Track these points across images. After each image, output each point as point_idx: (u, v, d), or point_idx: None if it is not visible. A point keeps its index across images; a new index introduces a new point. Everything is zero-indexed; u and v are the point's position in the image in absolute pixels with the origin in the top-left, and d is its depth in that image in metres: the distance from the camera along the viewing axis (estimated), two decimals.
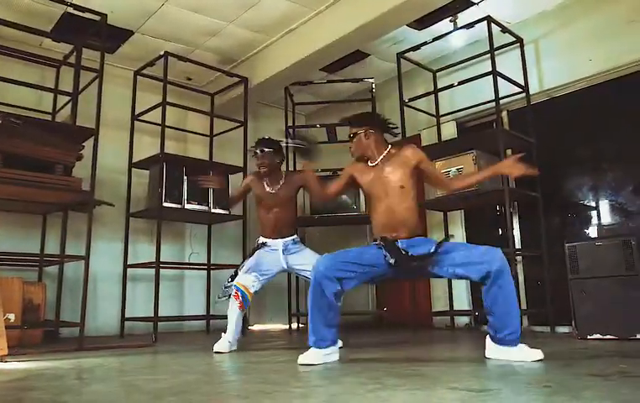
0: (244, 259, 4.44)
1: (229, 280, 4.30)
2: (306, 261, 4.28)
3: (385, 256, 3.28)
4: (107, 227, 6.20)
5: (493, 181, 5.32)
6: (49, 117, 5.71)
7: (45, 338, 5.15)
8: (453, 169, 5.43)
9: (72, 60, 5.46)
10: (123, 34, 6.03)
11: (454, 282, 6.07)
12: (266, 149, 4.39)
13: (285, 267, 4.41)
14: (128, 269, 6.06)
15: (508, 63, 5.70)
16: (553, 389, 2.24)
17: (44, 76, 5.92)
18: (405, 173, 3.45)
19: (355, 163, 3.62)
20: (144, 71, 6.18)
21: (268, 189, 4.44)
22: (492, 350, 3.27)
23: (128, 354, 4.11)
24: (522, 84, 5.64)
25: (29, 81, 5.31)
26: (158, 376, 2.95)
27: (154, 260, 5.49)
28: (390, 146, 3.57)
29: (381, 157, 3.50)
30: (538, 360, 3.04)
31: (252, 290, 4.21)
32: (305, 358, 3.18)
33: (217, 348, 4.12)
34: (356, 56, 6.55)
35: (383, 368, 2.89)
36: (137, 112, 6.21)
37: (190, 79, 7.06)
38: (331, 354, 3.27)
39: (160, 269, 5.98)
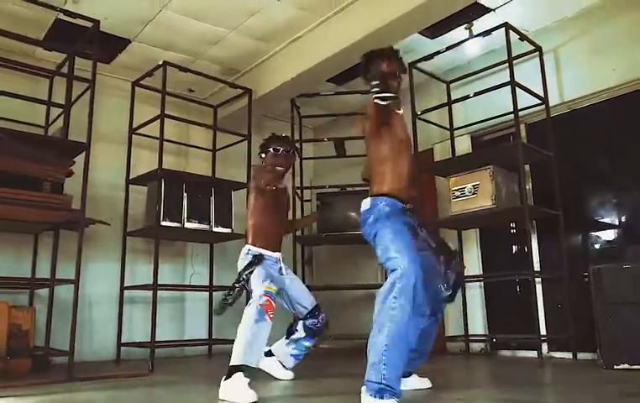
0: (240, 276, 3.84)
1: (230, 292, 3.75)
2: (301, 294, 3.98)
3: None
4: (103, 246, 5.91)
5: (511, 198, 5.01)
6: (41, 131, 5.42)
7: (35, 366, 4.82)
8: (469, 185, 5.11)
9: (66, 69, 5.18)
10: (120, 43, 5.74)
11: (469, 305, 5.72)
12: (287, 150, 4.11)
13: (284, 287, 4.02)
14: (126, 292, 5.74)
15: (526, 73, 5.37)
16: None
17: (36, 88, 5.61)
18: None
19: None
20: (143, 82, 5.90)
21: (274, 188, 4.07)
22: None
23: (119, 387, 3.83)
24: (541, 95, 5.30)
25: (21, 92, 5.03)
26: None
27: (152, 282, 5.17)
28: None
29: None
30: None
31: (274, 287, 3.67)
32: None
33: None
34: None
35: None
36: (135, 125, 5.90)
37: (192, 91, 6.76)
38: None
39: (160, 291, 5.73)
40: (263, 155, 4.16)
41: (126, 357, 5.61)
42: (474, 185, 5.07)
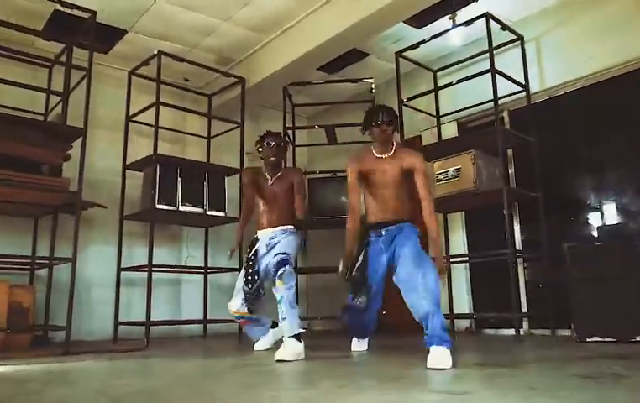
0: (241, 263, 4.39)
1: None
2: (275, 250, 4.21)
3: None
4: (101, 229, 6.11)
5: (491, 180, 5.19)
6: (41, 118, 5.62)
7: (34, 343, 5.04)
8: (452, 169, 5.29)
9: (64, 59, 5.37)
10: (116, 33, 5.93)
11: (454, 283, 5.92)
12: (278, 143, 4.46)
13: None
14: (125, 273, 5.94)
15: (509, 62, 5.57)
16: (537, 392, 2.10)
17: (36, 77, 5.82)
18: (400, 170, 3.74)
19: (354, 158, 3.85)
20: (139, 71, 6.08)
21: (269, 181, 4.45)
22: None
23: (113, 359, 4.02)
24: (523, 83, 5.49)
25: (22, 81, 5.22)
26: (131, 380, 2.83)
27: (148, 263, 5.39)
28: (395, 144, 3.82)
29: (391, 152, 3.77)
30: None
31: (244, 310, 4.28)
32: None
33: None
34: (355, 56, 6.43)
35: (365, 371, 2.76)
36: (132, 113, 6.11)
37: (187, 80, 6.97)
38: None
39: (157, 273, 5.95)
40: (260, 149, 4.51)
41: (125, 336, 5.80)
42: (456, 169, 5.26)
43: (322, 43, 5.54)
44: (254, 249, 4.34)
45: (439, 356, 2.97)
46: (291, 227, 4.34)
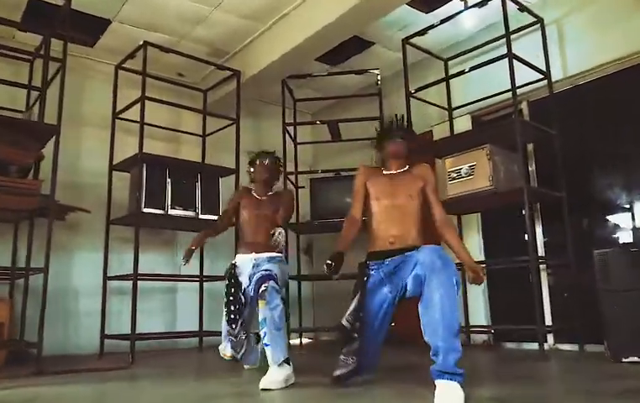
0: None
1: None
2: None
3: None
4: (88, 235, 5.72)
5: (510, 178, 4.68)
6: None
7: (11, 360, 4.62)
8: (465, 166, 4.79)
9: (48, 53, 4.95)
10: (100, 24, 5.51)
11: (469, 294, 5.40)
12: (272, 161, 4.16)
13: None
14: (116, 282, 5.55)
15: (528, 48, 5.04)
16: None
17: (20, 72, 5.40)
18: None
19: (365, 169, 3.47)
20: (127, 65, 5.65)
21: (256, 197, 4.09)
22: None
23: (88, 381, 3.67)
24: (544, 70, 4.96)
25: (3, 77, 4.81)
26: None
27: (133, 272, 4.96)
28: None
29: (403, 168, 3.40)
30: None
31: (229, 353, 3.79)
32: None
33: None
34: (359, 45, 5.96)
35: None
36: (118, 109, 5.67)
37: (182, 75, 6.52)
38: None
39: (151, 282, 5.53)
40: (252, 170, 4.17)
41: (114, 349, 5.36)
42: (470, 166, 4.75)
43: (320, 29, 5.08)
44: (233, 279, 3.78)
45: (449, 393, 2.50)
46: (280, 255, 3.86)
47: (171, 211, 5.29)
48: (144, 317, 5.66)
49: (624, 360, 3.75)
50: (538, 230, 5.13)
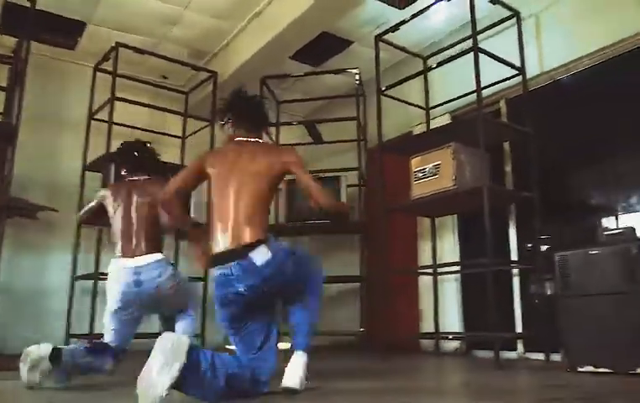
0: None
1: None
2: None
3: None
4: (64, 236, 5.72)
5: (476, 178, 4.45)
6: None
7: None
8: (430, 165, 4.60)
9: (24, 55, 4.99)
10: (76, 26, 5.56)
11: (442, 300, 5.18)
12: None
13: None
14: (87, 282, 5.50)
15: (507, 44, 4.80)
16: None
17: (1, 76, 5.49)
18: None
19: None
20: (104, 66, 5.67)
21: None
22: None
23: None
24: (518, 66, 4.72)
25: None
26: None
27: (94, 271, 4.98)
28: None
29: None
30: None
31: None
32: None
33: None
34: (338, 44, 5.84)
35: None
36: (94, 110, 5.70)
37: (166, 78, 6.52)
38: None
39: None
40: None
41: None
42: (435, 165, 4.57)
43: (288, 25, 5.00)
44: None
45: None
46: None
47: None
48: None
49: (580, 369, 3.51)
50: (512, 232, 4.89)
